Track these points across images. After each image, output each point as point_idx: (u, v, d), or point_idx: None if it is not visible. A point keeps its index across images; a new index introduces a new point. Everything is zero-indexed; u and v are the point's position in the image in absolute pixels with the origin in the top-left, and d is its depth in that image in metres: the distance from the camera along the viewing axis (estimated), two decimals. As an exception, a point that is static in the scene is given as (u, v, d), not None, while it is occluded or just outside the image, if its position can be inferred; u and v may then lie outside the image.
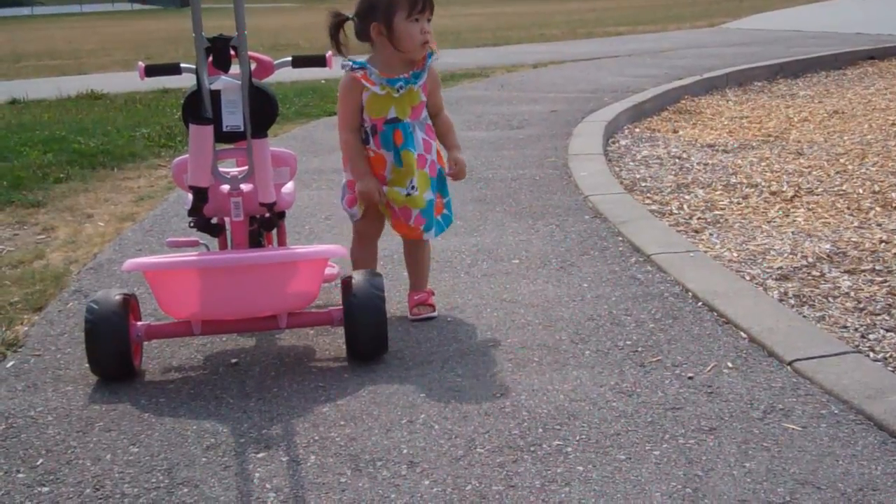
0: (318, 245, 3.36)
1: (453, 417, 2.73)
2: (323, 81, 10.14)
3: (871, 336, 3.33)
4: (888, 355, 3.16)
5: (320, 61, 3.47)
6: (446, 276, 4.01)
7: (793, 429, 2.60)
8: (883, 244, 4.36)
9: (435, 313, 3.55)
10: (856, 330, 3.39)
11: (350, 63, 3.36)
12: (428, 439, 2.61)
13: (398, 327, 3.43)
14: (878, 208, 4.98)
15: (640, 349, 3.17)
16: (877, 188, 5.37)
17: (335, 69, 3.50)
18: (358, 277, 3.14)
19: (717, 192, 5.45)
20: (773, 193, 5.38)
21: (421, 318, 3.52)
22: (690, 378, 2.94)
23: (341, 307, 3.13)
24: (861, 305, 3.63)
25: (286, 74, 8.75)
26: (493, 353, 3.18)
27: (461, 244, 4.44)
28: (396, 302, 3.67)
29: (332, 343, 3.33)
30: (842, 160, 6.15)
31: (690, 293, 3.68)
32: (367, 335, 3.08)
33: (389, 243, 4.09)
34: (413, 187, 3.44)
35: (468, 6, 35.82)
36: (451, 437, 2.61)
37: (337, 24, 3.39)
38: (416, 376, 3.03)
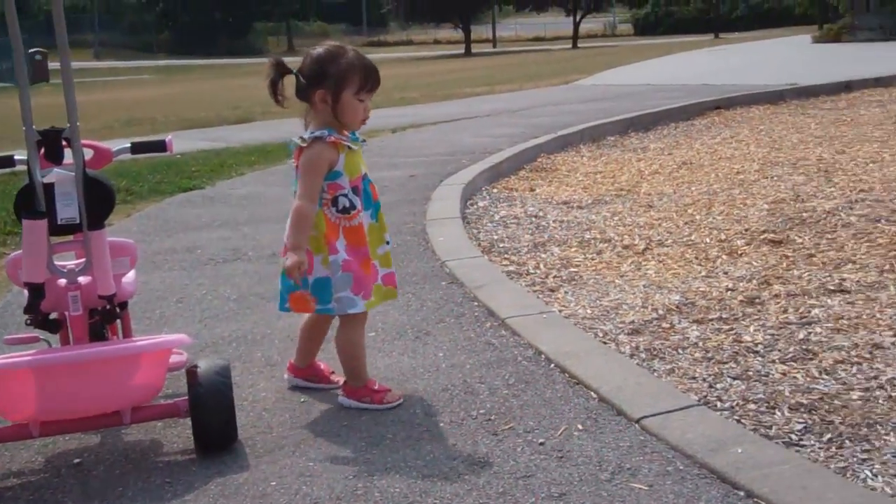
0: (161, 335, 3.28)
1: (304, 504, 2.70)
2: (178, 156, 10.02)
3: (718, 385, 3.42)
4: (734, 404, 3.25)
5: (160, 146, 3.44)
6: (301, 354, 3.97)
7: (640, 488, 2.64)
8: (729, 292, 4.50)
9: None
10: (704, 380, 3.48)
11: (319, 133, 3.27)
12: (279, 528, 2.57)
13: (249, 412, 3.38)
14: (724, 256, 5.14)
15: (493, 417, 3.20)
16: (723, 237, 5.55)
17: (175, 150, 3.47)
18: (203, 366, 3.09)
19: (573, 249, 5.56)
20: (625, 247, 5.51)
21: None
22: (542, 444, 2.97)
23: (187, 397, 3.08)
24: (709, 355, 3.73)
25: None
26: (346, 434, 3.16)
27: (317, 320, 4.41)
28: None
29: (180, 434, 3.25)
30: (690, 210, 6.35)
31: (543, 355, 3.73)
32: (215, 425, 3.03)
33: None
34: (389, 241, 3.49)
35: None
36: (302, 525, 2.58)
37: (278, 75, 3.35)
38: (267, 463, 2.98)
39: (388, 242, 3.46)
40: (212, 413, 3.01)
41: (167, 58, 66.73)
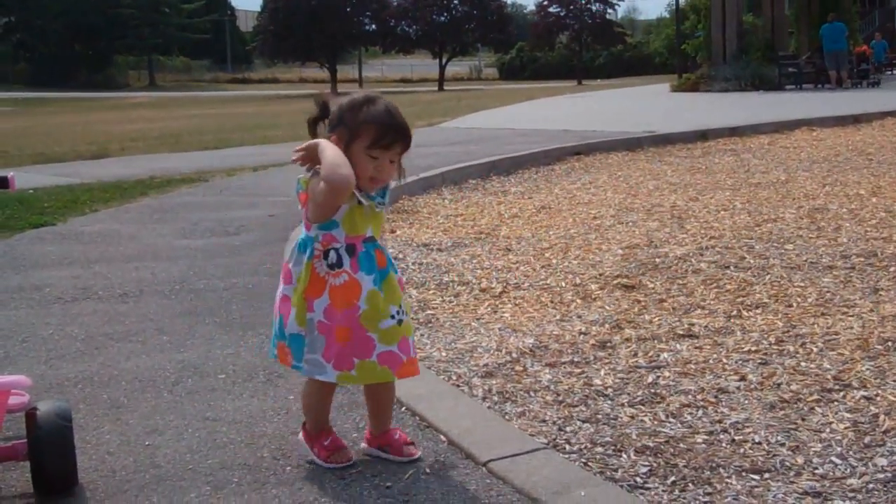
0: None
1: (144, 551, 2.64)
2: (30, 191, 9.75)
3: (567, 428, 3.48)
4: (582, 447, 3.31)
5: (2, 183, 3.36)
6: (148, 396, 3.90)
7: (484, 532, 2.67)
8: (582, 336, 4.59)
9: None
10: (553, 423, 3.54)
11: None
12: (115, 577, 2.51)
13: (92, 456, 3.30)
14: (578, 300, 5.25)
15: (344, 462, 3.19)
16: (578, 281, 5.67)
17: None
18: (43, 408, 3.01)
19: (431, 292, 5.60)
20: (482, 290, 5.58)
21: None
22: (388, 487, 2.98)
23: (26, 440, 2.99)
24: (560, 398, 3.79)
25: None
26: (191, 477, 3.11)
27: (166, 361, 4.35)
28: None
29: (20, 478, 3.15)
30: (547, 254, 6.47)
31: (395, 399, 3.73)
32: (54, 468, 2.95)
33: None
34: (402, 312, 3.11)
35: (191, 107, 35.59)
36: (140, 573, 2.52)
37: (318, 117, 3.14)
38: (108, 509, 2.92)
39: (393, 317, 3.08)
40: (51, 456, 2.94)
41: (23, 89, 65.04)
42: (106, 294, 5.68)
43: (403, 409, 3.63)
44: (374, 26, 75.65)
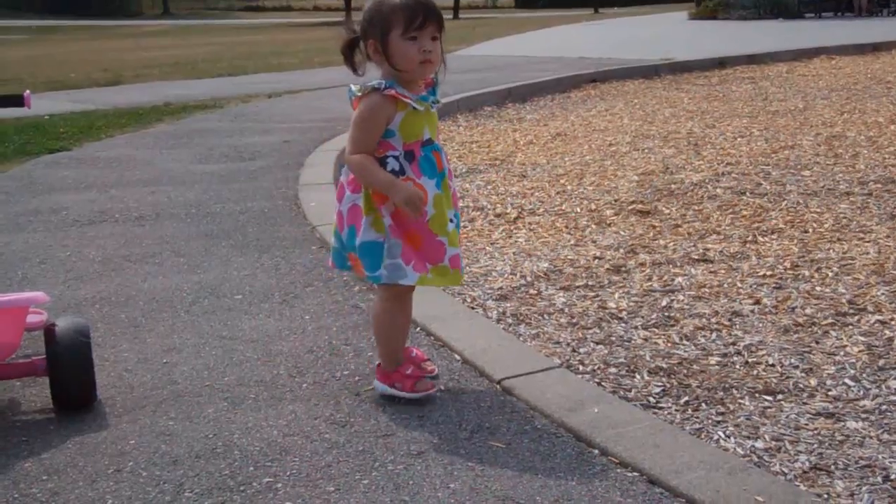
0: (16, 293, 3.20)
1: (162, 463, 2.67)
2: (46, 117, 9.74)
3: (581, 350, 3.50)
4: (596, 367, 3.33)
5: (17, 101, 3.34)
6: (165, 316, 3.93)
7: (497, 446, 2.70)
8: (597, 260, 4.59)
9: None
10: (567, 345, 3.55)
11: (376, 83, 2.92)
12: (135, 488, 2.55)
13: (110, 373, 3.33)
14: (593, 226, 5.24)
15: (357, 378, 3.22)
16: (593, 206, 5.65)
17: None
18: (61, 324, 3.04)
19: (445, 217, 5.58)
20: (497, 216, 5.57)
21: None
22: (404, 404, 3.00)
23: (45, 356, 3.02)
24: (574, 321, 3.80)
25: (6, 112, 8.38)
26: (208, 393, 3.14)
27: (183, 282, 4.37)
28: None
29: (39, 394, 3.19)
30: (562, 181, 6.45)
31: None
32: (73, 384, 2.99)
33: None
34: (456, 218, 3.07)
35: (205, 36, 35.36)
36: (158, 484, 2.56)
37: (350, 43, 3.01)
38: (127, 423, 2.94)
39: (452, 220, 3.03)
40: (70, 372, 2.97)
41: (36, 18, 64.57)
42: (123, 217, 5.69)
43: (418, 329, 3.65)
44: (389, -47, 74.64)
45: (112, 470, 2.65)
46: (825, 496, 2.45)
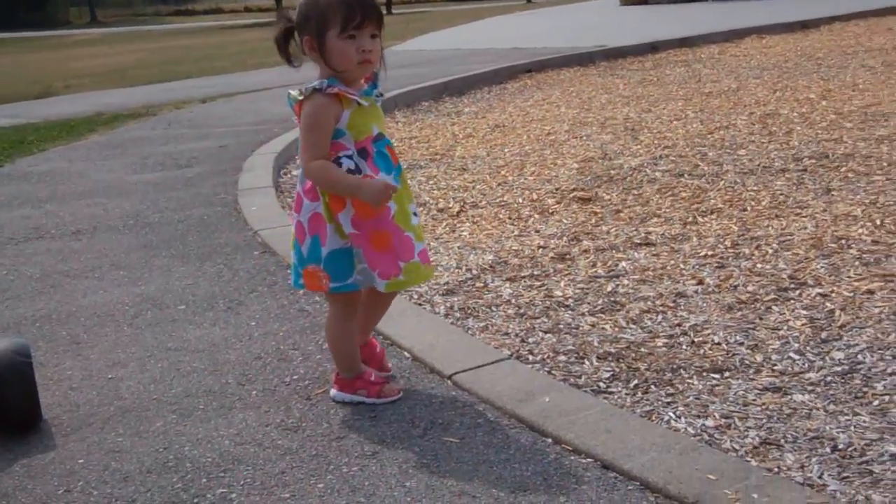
0: None
1: (113, 480, 2.64)
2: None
3: (530, 340, 3.51)
4: (545, 356, 3.34)
5: None
6: (108, 331, 3.88)
7: (451, 442, 2.71)
8: (541, 250, 4.61)
9: None
10: (516, 335, 3.57)
11: (317, 84, 2.81)
12: (86, 507, 2.52)
13: (55, 392, 3.29)
14: (536, 215, 5.26)
15: (307, 382, 3.21)
16: (534, 196, 5.67)
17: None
18: (1, 345, 2.99)
19: (387, 215, 5.57)
20: (440, 210, 5.58)
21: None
22: (356, 404, 3.00)
23: (-14, 379, 2.97)
24: (521, 311, 3.82)
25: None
26: (156, 407, 3.11)
27: (124, 295, 4.32)
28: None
29: (-18, 418, 3.14)
30: (503, 172, 6.47)
31: (357, 319, 3.75)
32: (16, 405, 2.95)
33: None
34: (416, 213, 3.00)
35: (135, 42, 34.96)
36: (110, 502, 2.53)
37: (286, 32, 2.89)
38: (75, 442, 2.91)
39: (415, 214, 2.99)
40: (12, 393, 2.93)
41: (-40, 31, 63.41)
42: (59, 232, 5.61)
43: (366, 328, 3.64)
44: (317, -49, 74.46)
45: (62, 490, 2.62)
46: (776, 469, 2.48)
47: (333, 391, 3.05)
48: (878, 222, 4.54)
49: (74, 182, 7.14)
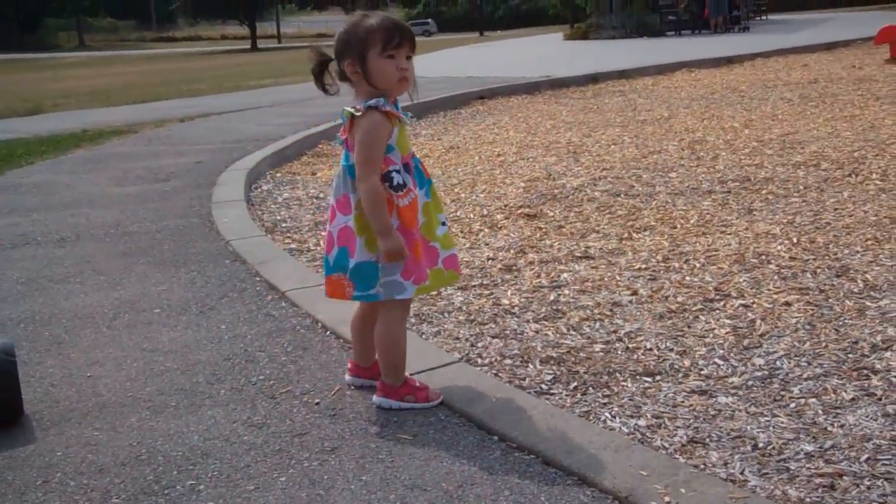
0: None
1: (89, 472, 2.58)
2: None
3: (479, 344, 3.49)
4: (493, 360, 3.32)
5: None
6: (88, 332, 3.80)
7: (405, 438, 2.67)
8: (490, 261, 4.59)
9: None
10: (466, 340, 3.54)
11: (374, 102, 2.74)
12: (63, 497, 2.45)
13: (36, 388, 3.21)
14: (486, 230, 5.25)
15: (272, 382, 3.15)
16: (485, 212, 5.66)
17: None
18: (-15, 343, 2.92)
19: (349, 227, 5.53)
20: (397, 224, 5.53)
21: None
22: (317, 403, 2.95)
23: (-30, 375, 2.90)
24: (471, 317, 3.79)
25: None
26: (131, 403, 3.04)
27: (104, 299, 4.24)
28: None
29: (-33, 412, 3.05)
30: (456, 190, 6.45)
31: (320, 324, 3.71)
32: (0, 401, 2.87)
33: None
34: (445, 222, 2.97)
35: (120, 66, 34.62)
36: (86, 492, 2.46)
37: (320, 64, 2.88)
38: (54, 436, 2.84)
39: (444, 223, 2.94)
40: (-4, 389, 2.85)
41: (-44, 52, 62.48)
42: (44, 240, 5.51)
43: (328, 332, 3.60)
44: (289, -15, 74.39)
45: (40, 482, 2.55)
46: (702, 466, 2.47)
47: (377, 398, 2.93)
48: (794, 240, 4.57)
49: (60, 193, 7.02)
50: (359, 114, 2.76)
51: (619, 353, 3.32)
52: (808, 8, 48.59)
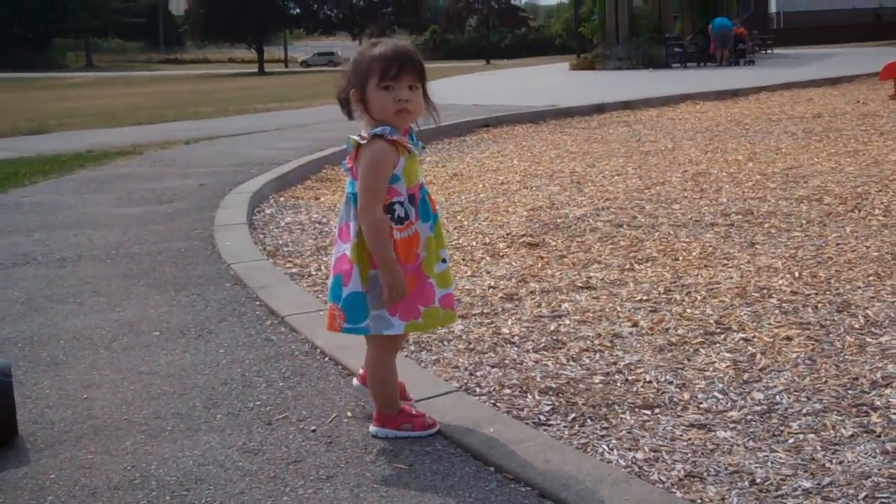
0: None
1: (82, 495, 2.56)
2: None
3: (478, 373, 3.48)
4: (492, 389, 3.31)
5: None
6: (86, 354, 3.79)
7: (401, 467, 2.65)
8: (491, 290, 4.58)
9: None
10: (465, 369, 3.53)
11: (380, 130, 2.71)
12: (55, 521, 2.44)
13: (31, 409, 3.20)
14: (487, 258, 5.25)
15: (269, 408, 3.14)
16: (487, 240, 5.66)
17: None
18: (-18, 365, 2.91)
19: (351, 253, 5.52)
20: (399, 251, 5.53)
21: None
22: (313, 430, 2.94)
23: (-35, 395, 2.89)
24: (471, 346, 3.78)
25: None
26: (126, 427, 3.03)
27: (103, 320, 4.23)
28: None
29: (-39, 432, 3.04)
30: (459, 217, 6.45)
31: (319, 349, 3.70)
32: (-6, 422, 2.86)
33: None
34: (446, 259, 2.89)
35: (127, 86, 34.78)
36: (78, 516, 2.46)
37: (346, 90, 2.82)
38: (48, 458, 2.82)
39: (444, 261, 2.87)
40: (-9, 410, 2.84)
41: (-36, 70, 62.80)
42: (45, 259, 5.51)
43: (327, 358, 3.59)
44: (297, 10, 74.86)
45: (33, 504, 2.54)
46: (699, 501, 2.46)
47: (374, 428, 2.89)
48: (796, 274, 4.57)
49: (63, 213, 7.03)
50: (364, 142, 2.74)
51: (619, 384, 3.31)
52: (813, 43, 48.84)
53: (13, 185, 8.49)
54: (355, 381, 3.15)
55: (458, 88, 22.78)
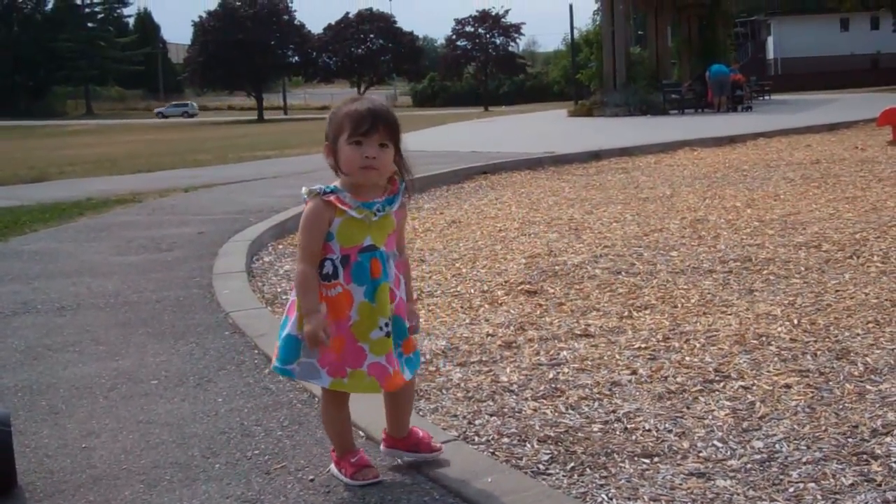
0: None
1: (80, 546, 2.57)
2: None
3: (476, 422, 3.48)
4: (490, 438, 3.31)
5: None
6: (85, 402, 3.80)
7: (400, 518, 2.66)
8: (489, 337, 4.60)
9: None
10: (464, 417, 3.53)
11: (318, 188, 2.79)
12: (52, 572, 2.44)
13: (31, 459, 3.20)
14: (486, 305, 5.26)
15: (267, 457, 3.14)
16: (485, 287, 5.68)
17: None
18: (-19, 414, 2.92)
19: (350, 300, 5.54)
20: (398, 298, 5.55)
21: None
22: (311, 480, 2.93)
23: (-35, 446, 2.89)
24: (469, 394, 3.79)
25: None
26: (125, 476, 3.03)
27: (102, 369, 4.24)
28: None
29: (-41, 483, 3.04)
30: (457, 264, 6.48)
31: (317, 398, 3.69)
32: (-7, 472, 2.86)
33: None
34: (387, 326, 2.85)
35: (126, 134, 34.97)
36: (75, 567, 2.45)
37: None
38: (46, 508, 2.83)
39: (382, 329, 2.83)
40: (-10, 460, 2.85)
41: (-36, 118, 63.15)
42: (45, 308, 5.53)
43: (325, 407, 3.59)
44: (296, 58, 75.55)
45: (30, 555, 2.54)
46: (699, 552, 2.46)
47: (331, 465, 2.98)
48: (795, 321, 4.58)
49: (62, 261, 7.06)
50: (306, 197, 2.83)
51: (618, 433, 3.31)
52: (810, 88, 49.22)
53: (14, 233, 8.53)
54: (383, 448, 3.11)
55: (456, 135, 22.92)
